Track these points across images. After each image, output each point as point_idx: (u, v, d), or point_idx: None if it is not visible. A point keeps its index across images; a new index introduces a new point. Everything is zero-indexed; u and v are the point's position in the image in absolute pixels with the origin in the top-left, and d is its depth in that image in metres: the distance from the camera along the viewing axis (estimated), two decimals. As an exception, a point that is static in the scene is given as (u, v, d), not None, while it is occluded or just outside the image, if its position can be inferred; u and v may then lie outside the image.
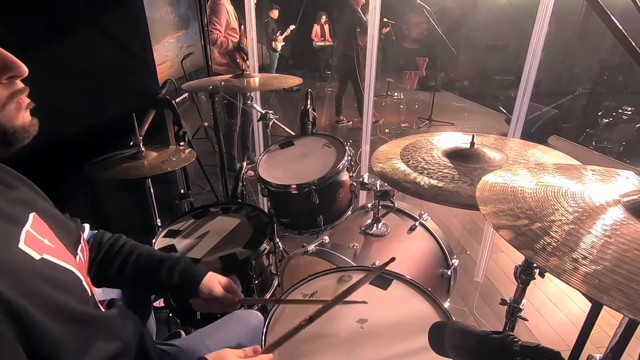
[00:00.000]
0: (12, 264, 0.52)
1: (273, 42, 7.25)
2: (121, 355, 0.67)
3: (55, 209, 0.74)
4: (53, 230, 0.66)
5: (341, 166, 1.47)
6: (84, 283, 0.65)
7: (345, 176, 1.53)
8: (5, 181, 0.64)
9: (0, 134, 0.52)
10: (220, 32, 3.01)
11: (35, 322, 0.50)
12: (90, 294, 0.66)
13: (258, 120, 2.10)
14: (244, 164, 1.97)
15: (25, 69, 0.53)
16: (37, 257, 0.56)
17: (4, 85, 0.52)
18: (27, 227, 0.59)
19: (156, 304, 1.84)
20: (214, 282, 0.92)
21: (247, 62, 2.99)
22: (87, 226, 0.90)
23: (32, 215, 0.62)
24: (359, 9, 4.87)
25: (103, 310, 0.71)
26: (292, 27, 7.12)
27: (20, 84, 0.55)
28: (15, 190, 0.65)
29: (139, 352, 0.75)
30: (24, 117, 0.55)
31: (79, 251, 0.73)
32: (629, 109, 4.48)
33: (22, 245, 0.55)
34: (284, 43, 7.43)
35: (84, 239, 0.78)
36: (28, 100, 0.56)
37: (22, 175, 0.69)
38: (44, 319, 0.51)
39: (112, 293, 1.02)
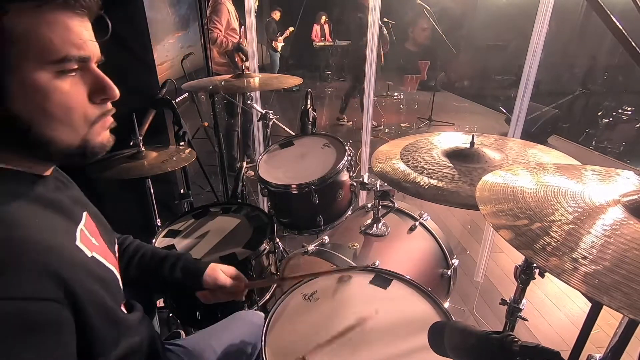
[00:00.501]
0: (73, 259, 0.55)
1: (273, 42, 7.26)
2: (135, 353, 0.70)
3: (96, 209, 0.76)
4: (99, 229, 0.69)
5: (341, 166, 1.47)
6: (120, 283, 0.68)
7: (345, 176, 1.53)
8: (63, 180, 0.67)
9: (83, 147, 0.57)
10: (221, 31, 3.01)
11: (87, 315, 0.54)
12: (122, 295, 0.69)
13: (258, 120, 2.10)
14: (244, 164, 1.97)
15: (117, 93, 0.59)
16: (89, 254, 0.60)
17: (97, 106, 0.57)
18: (81, 225, 0.63)
19: (157, 303, 1.84)
20: (217, 271, 0.93)
21: (246, 62, 2.99)
22: None
23: (85, 214, 0.66)
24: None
25: (125, 311, 0.73)
26: (291, 29, 7.13)
27: (109, 106, 0.60)
28: (72, 189, 0.69)
29: (150, 352, 0.77)
30: (104, 135, 0.60)
31: (115, 250, 0.76)
32: (629, 109, 4.48)
33: (78, 242, 0.59)
34: (283, 44, 7.44)
35: (116, 238, 0.81)
36: (112, 120, 0.62)
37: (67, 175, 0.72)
38: (92, 313, 0.55)
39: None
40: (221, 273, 0.93)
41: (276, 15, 7.32)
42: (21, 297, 0.46)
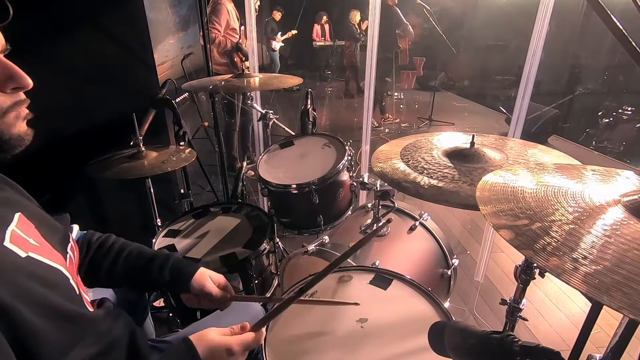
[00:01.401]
0: (1, 261, 0.53)
1: (271, 41, 7.25)
2: (109, 353, 0.67)
3: (41, 210, 0.74)
4: (39, 230, 0.66)
5: (341, 166, 1.47)
6: (72, 281, 0.65)
7: (345, 176, 1.53)
8: None
9: None
10: (219, 31, 3.01)
11: (22, 319, 0.51)
12: (77, 293, 0.66)
13: (258, 120, 2.10)
14: (244, 163, 1.97)
15: (29, 82, 0.56)
16: (22, 254, 0.57)
17: (7, 95, 0.55)
18: (12, 226, 0.60)
19: (156, 303, 1.84)
20: (205, 277, 0.91)
21: (246, 62, 2.99)
22: (76, 226, 0.90)
23: (17, 215, 0.63)
24: (399, 10, 4.85)
25: (91, 309, 0.71)
26: (294, 31, 7.11)
27: (22, 95, 0.58)
28: (0, 190, 0.66)
29: (130, 350, 0.74)
30: (20, 126, 0.58)
31: (68, 250, 0.73)
32: (629, 109, 4.47)
33: (7, 243, 0.56)
34: (282, 44, 7.43)
35: (72, 238, 0.78)
36: (27, 111, 0.59)
37: (5, 176, 0.69)
38: (30, 315, 0.52)
39: (105, 293, 1.01)
40: (209, 280, 0.91)
41: (277, 16, 7.32)
42: None
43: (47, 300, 0.56)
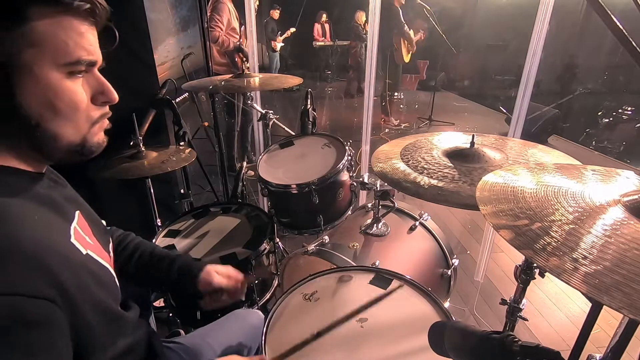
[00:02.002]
0: (68, 256, 0.56)
1: (272, 42, 7.25)
2: (133, 351, 0.70)
3: (89, 207, 0.76)
4: (92, 229, 0.69)
5: (341, 166, 1.47)
6: (116, 281, 0.69)
7: (345, 176, 1.53)
8: (55, 179, 0.68)
9: (82, 145, 0.60)
10: (222, 30, 3.00)
11: (82, 312, 0.54)
12: (119, 293, 0.69)
13: (258, 120, 2.10)
14: (244, 163, 1.97)
15: (116, 97, 0.63)
16: (84, 252, 0.61)
17: (97, 107, 0.61)
18: (74, 223, 0.63)
19: (156, 303, 1.84)
20: (212, 273, 0.93)
21: (247, 63, 2.99)
22: (103, 222, 0.92)
23: (77, 213, 0.67)
24: (400, 11, 4.86)
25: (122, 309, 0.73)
26: (292, 29, 7.12)
27: (107, 109, 0.64)
28: (65, 188, 0.70)
29: (148, 349, 0.77)
30: (100, 135, 0.64)
31: (110, 249, 0.76)
32: (629, 109, 4.47)
33: (73, 239, 0.60)
34: (283, 44, 7.43)
35: (112, 237, 0.81)
36: (107, 122, 0.65)
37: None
38: (88, 311, 0.55)
39: None
40: (216, 275, 0.93)
41: (275, 14, 7.30)
42: (12, 293, 0.46)
43: (100, 298, 0.59)
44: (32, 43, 0.51)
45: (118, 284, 0.69)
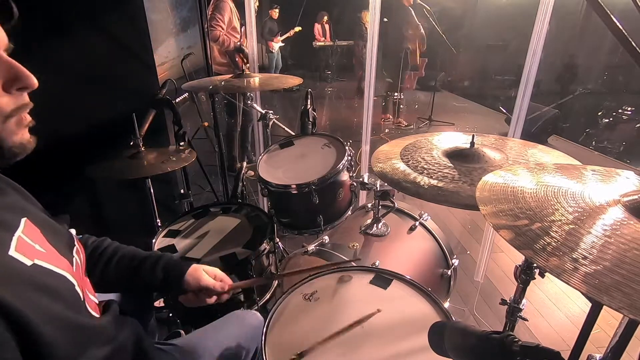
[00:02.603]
0: (6, 271, 0.52)
1: (269, 43, 7.22)
2: (114, 357, 0.67)
3: (45, 214, 0.73)
4: (45, 236, 0.65)
5: (341, 166, 1.47)
6: (77, 288, 0.64)
7: (345, 176, 1.53)
8: None
9: None
10: (223, 29, 3.00)
11: (32, 326, 0.50)
12: (82, 300, 0.65)
13: (258, 120, 2.10)
14: (244, 163, 1.97)
15: (35, 81, 0.54)
16: (28, 263, 0.56)
17: (11, 97, 0.53)
18: (18, 232, 0.58)
19: (156, 303, 1.84)
20: (200, 271, 0.91)
21: (248, 65, 2.99)
22: (73, 231, 0.90)
23: (23, 220, 0.62)
24: (412, 10, 4.84)
25: (97, 315, 0.70)
26: (297, 28, 7.08)
27: (26, 99, 0.56)
28: (6, 195, 0.64)
29: (136, 353, 0.74)
30: (23, 134, 0.56)
31: (74, 253, 0.71)
32: (629, 109, 4.47)
33: (12, 252, 0.55)
34: (282, 44, 7.42)
35: (77, 240, 0.77)
36: (29, 118, 0.57)
37: (11, 180, 0.68)
38: (39, 324, 0.51)
39: (111, 295, 1.01)
40: (204, 274, 0.91)
41: (274, 13, 7.29)
42: None
43: (53, 310, 0.55)
44: None
45: (81, 291, 0.65)
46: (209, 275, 0.92)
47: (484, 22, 7.25)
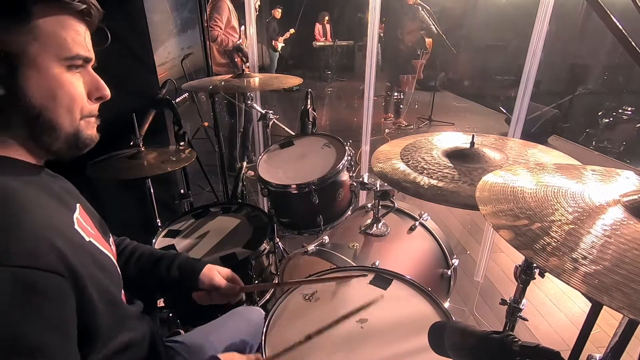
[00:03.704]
0: (73, 239, 0.59)
1: (274, 42, 7.26)
2: (134, 347, 0.71)
3: (89, 204, 0.78)
4: (92, 221, 0.72)
5: (341, 166, 1.47)
6: (119, 271, 0.71)
7: (345, 176, 1.53)
8: (52, 173, 0.70)
9: (76, 137, 0.63)
10: (221, 29, 3.00)
11: (89, 295, 0.56)
12: (121, 284, 0.71)
13: (258, 120, 2.10)
14: (244, 163, 1.97)
15: (109, 93, 0.67)
16: (87, 239, 0.63)
17: (91, 103, 0.65)
18: (76, 214, 0.66)
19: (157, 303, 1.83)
20: (214, 272, 0.93)
21: (247, 64, 2.99)
22: None
23: (78, 205, 0.69)
24: (420, 9, 4.80)
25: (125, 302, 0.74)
26: (292, 30, 7.14)
27: (97, 107, 0.68)
28: (63, 181, 0.73)
29: (150, 346, 0.77)
30: (93, 129, 0.67)
31: (111, 243, 0.78)
32: (629, 109, 4.47)
33: (76, 226, 0.62)
34: (284, 44, 7.45)
35: (111, 234, 0.82)
36: (97, 120, 0.69)
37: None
38: (94, 294, 0.57)
39: None
40: (217, 274, 0.93)
41: (277, 13, 7.32)
42: (24, 266, 0.48)
43: (105, 285, 0.61)
44: (36, 38, 0.55)
45: (120, 273, 0.71)
46: (221, 276, 0.94)
47: (484, 22, 7.24)
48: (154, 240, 1.38)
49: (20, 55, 0.55)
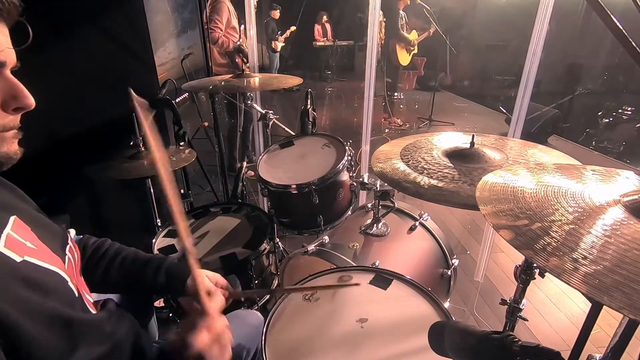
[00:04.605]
0: None
1: (273, 42, 7.26)
2: (112, 355, 0.67)
3: (38, 212, 0.73)
4: (36, 233, 0.65)
5: (341, 166, 1.47)
6: (70, 284, 0.64)
7: (345, 176, 1.53)
8: None
9: None
10: (221, 30, 3.00)
11: (15, 324, 0.50)
12: (77, 295, 0.65)
13: (258, 120, 2.10)
14: (244, 164, 1.97)
15: (32, 102, 0.55)
16: (18, 259, 0.56)
17: (7, 115, 0.55)
18: (7, 229, 0.59)
19: (156, 303, 1.84)
20: (202, 277, 0.89)
21: (247, 64, 2.99)
22: (72, 231, 0.88)
23: (12, 218, 0.62)
24: (401, 13, 4.90)
25: (94, 311, 0.70)
26: (293, 28, 7.13)
27: (18, 120, 0.57)
28: None
29: (134, 352, 0.74)
30: (11, 145, 0.57)
31: (67, 252, 0.72)
32: (629, 109, 4.47)
33: (1, 247, 0.55)
34: (284, 44, 7.44)
35: (71, 239, 0.77)
36: (20, 133, 0.59)
37: (4, 179, 0.68)
38: (24, 321, 0.51)
39: (111, 294, 1.01)
40: (206, 279, 0.89)
41: (275, 14, 7.32)
42: None
43: (43, 307, 0.55)
44: None
45: (74, 287, 0.65)
46: (210, 281, 0.90)
47: (484, 22, 7.24)
48: (154, 240, 1.38)
49: None
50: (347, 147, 1.55)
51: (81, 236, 0.92)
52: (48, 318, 0.55)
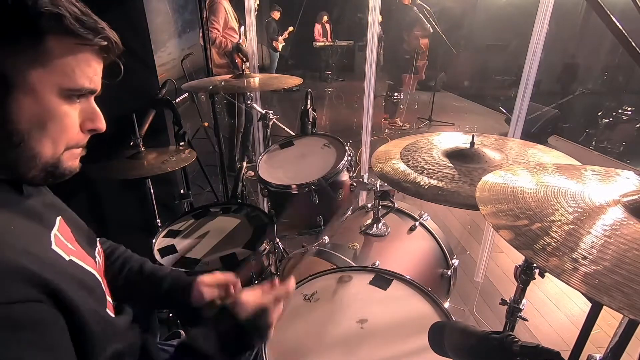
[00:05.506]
0: (52, 262, 0.55)
1: (274, 42, 7.27)
2: (123, 357, 0.68)
3: (73, 213, 0.76)
4: (74, 234, 0.68)
5: (341, 166, 1.47)
6: (103, 286, 0.67)
7: (345, 176, 1.53)
8: (31, 187, 0.66)
9: (54, 167, 0.58)
10: (219, 31, 3.01)
11: (78, 313, 0.54)
12: (106, 297, 0.68)
13: (258, 120, 2.10)
14: (244, 164, 1.97)
15: (104, 126, 0.63)
16: (66, 258, 0.60)
17: (82, 134, 0.61)
18: (54, 230, 0.62)
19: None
20: (202, 288, 0.90)
21: (246, 63, 2.99)
22: None
23: (58, 219, 0.65)
24: (414, 7, 4.78)
25: (112, 314, 0.72)
26: (291, 28, 7.15)
27: (87, 138, 0.63)
28: (44, 194, 0.69)
29: (142, 354, 0.75)
30: (74, 161, 0.63)
31: (96, 254, 0.75)
32: (629, 109, 4.47)
33: (54, 246, 0.58)
34: (284, 43, 7.45)
35: (99, 242, 0.80)
36: (84, 152, 0.65)
37: None
38: (82, 312, 0.55)
39: None
40: (205, 290, 0.90)
41: (276, 15, 7.33)
42: (2, 302, 0.45)
43: (89, 302, 0.59)
44: (42, 64, 0.51)
45: (104, 288, 0.68)
46: (210, 287, 0.90)
47: (484, 22, 7.25)
48: (154, 240, 1.38)
49: (18, 79, 0.50)
50: (347, 147, 1.55)
51: (99, 238, 0.93)
52: (93, 313, 0.58)
